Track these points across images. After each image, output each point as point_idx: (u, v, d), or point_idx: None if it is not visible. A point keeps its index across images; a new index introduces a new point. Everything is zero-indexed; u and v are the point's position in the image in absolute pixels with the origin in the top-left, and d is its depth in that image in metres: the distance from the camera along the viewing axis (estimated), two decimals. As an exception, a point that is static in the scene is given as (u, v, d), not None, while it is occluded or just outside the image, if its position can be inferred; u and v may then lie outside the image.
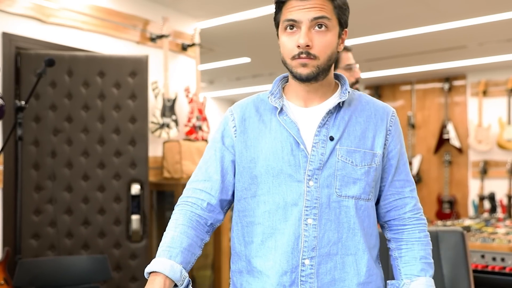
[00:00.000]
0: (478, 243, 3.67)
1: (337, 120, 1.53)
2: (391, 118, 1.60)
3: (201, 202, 1.57)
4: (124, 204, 4.05)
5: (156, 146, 4.87)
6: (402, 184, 1.61)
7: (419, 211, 1.62)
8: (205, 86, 9.56)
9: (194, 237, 1.51)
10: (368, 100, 1.62)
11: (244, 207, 1.58)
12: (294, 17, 1.46)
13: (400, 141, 1.62)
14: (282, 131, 1.53)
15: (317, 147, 1.50)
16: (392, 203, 1.61)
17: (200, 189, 1.59)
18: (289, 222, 1.49)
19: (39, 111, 3.88)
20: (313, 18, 1.45)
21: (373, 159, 1.53)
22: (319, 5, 1.46)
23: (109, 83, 4.05)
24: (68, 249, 3.91)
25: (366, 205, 1.53)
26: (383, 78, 8.97)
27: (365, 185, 1.51)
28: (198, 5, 5.09)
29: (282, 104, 1.57)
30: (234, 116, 1.63)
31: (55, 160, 3.90)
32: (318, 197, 1.48)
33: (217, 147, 1.63)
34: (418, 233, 1.59)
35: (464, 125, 8.58)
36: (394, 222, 1.62)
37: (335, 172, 1.49)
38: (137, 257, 4.05)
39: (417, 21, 5.62)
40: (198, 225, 1.55)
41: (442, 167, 8.76)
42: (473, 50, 7.02)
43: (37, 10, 3.98)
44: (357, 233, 1.50)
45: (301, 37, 1.45)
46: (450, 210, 8.46)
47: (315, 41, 1.47)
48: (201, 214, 1.56)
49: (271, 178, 1.52)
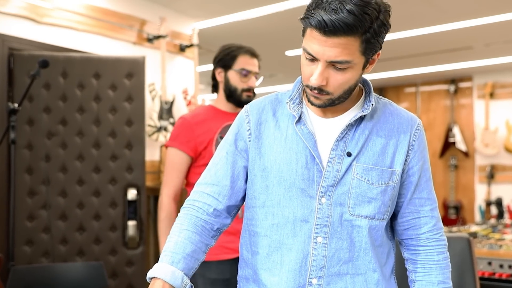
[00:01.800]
0: (485, 249, 3.67)
1: (356, 134, 1.49)
2: (415, 132, 1.54)
3: (207, 207, 1.55)
4: (120, 209, 4.04)
5: (153, 150, 4.88)
6: (422, 202, 1.55)
7: (439, 232, 1.56)
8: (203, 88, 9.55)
9: (198, 242, 1.50)
10: (392, 111, 1.56)
11: (252, 216, 1.57)
12: (312, 51, 1.37)
13: (424, 156, 1.55)
14: (298, 142, 1.49)
15: (333, 163, 1.46)
16: (410, 221, 1.56)
17: (207, 193, 1.56)
18: (297, 238, 1.47)
19: (32, 113, 3.88)
20: (330, 61, 1.36)
21: (391, 178, 1.49)
22: (342, 45, 1.33)
23: (105, 85, 4.05)
24: (62, 256, 3.90)
25: (380, 225, 1.50)
26: (387, 80, 8.98)
27: (380, 205, 1.48)
28: (196, 4, 5.09)
29: (301, 111, 1.52)
30: (250, 118, 1.59)
31: (49, 164, 3.90)
32: (329, 215, 1.45)
33: (229, 151, 1.59)
34: (437, 256, 1.55)
35: (471, 128, 8.58)
36: (411, 241, 1.58)
37: (349, 190, 1.46)
38: (134, 264, 4.05)
39: (421, 21, 5.63)
40: (203, 231, 1.53)
41: (448, 172, 8.76)
42: (479, 51, 7.02)
43: (31, 10, 3.98)
44: (368, 253, 1.48)
45: (315, 77, 1.38)
46: (456, 216, 8.46)
47: (331, 79, 1.39)
48: (206, 219, 1.54)
49: (282, 190, 1.49)
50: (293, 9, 5.01)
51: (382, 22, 1.37)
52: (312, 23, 1.33)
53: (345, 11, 1.29)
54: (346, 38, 1.32)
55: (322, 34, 1.32)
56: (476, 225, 5.00)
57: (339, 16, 1.29)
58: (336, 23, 1.30)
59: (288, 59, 6.95)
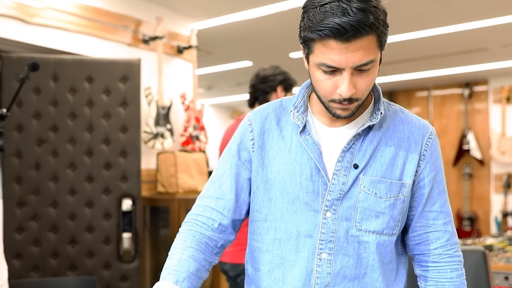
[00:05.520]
0: (501, 263, 3.66)
1: (364, 144, 1.48)
2: (427, 141, 1.52)
3: (212, 222, 1.55)
4: (114, 221, 4.05)
5: (150, 157, 4.88)
6: (435, 215, 1.53)
7: (453, 247, 1.54)
8: (202, 92, 9.58)
9: (202, 260, 1.50)
10: (403, 119, 1.54)
11: (254, 230, 1.57)
12: (334, 63, 1.33)
13: (436, 167, 1.53)
14: (303, 153, 1.49)
15: (339, 175, 1.46)
16: (421, 236, 1.54)
17: (211, 207, 1.56)
18: (300, 255, 1.47)
19: (21, 119, 3.89)
20: (356, 66, 1.33)
21: (400, 190, 1.47)
22: (364, 46, 1.32)
23: (98, 89, 4.06)
24: (53, 270, 3.91)
25: (390, 241, 1.49)
26: (397, 83, 8.99)
27: (389, 219, 1.47)
28: (195, 3, 5.11)
29: (306, 120, 1.52)
30: (253, 127, 1.58)
31: (39, 173, 3.91)
32: (334, 230, 1.45)
33: (233, 162, 1.59)
34: (450, 273, 1.52)
35: (486, 135, 8.58)
36: (423, 257, 1.56)
37: (356, 204, 1.45)
38: (129, 279, 4.05)
39: (434, 21, 5.64)
40: (207, 248, 1.54)
41: (462, 181, 8.76)
42: (495, 53, 7.03)
43: (20, 9, 4.00)
44: (375, 270, 1.47)
45: (345, 88, 1.35)
46: (470, 227, 8.44)
47: (359, 84, 1.37)
48: (211, 235, 1.54)
49: (286, 203, 1.49)
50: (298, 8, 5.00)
51: (382, 9, 1.35)
52: (330, 34, 1.29)
53: (356, 10, 1.27)
54: (367, 38, 1.31)
55: (342, 41, 1.29)
56: (492, 237, 4.99)
57: (354, 17, 1.27)
58: (355, 26, 1.27)
59: (292, 61, 6.95)
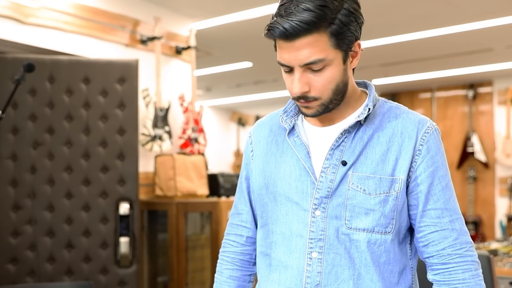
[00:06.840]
0: (506, 268, 3.66)
1: (354, 141, 1.49)
2: (423, 135, 1.50)
3: (239, 238, 1.72)
4: (111, 225, 4.04)
5: (147, 160, 4.89)
6: (439, 213, 1.48)
7: (464, 247, 1.48)
8: (201, 93, 9.58)
9: (241, 277, 1.71)
10: (398, 114, 1.54)
11: (258, 236, 1.64)
12: (284, 61, 1.42)
13: (435, 162, 1.50)
14: (292, 154, 1.54)
15: (327, 173, 1.47)
16: (427, 236, 1.50)
17: (236, 223, 1.73)
18: (293, 255, 1.50)
19: (17, 121, 3.89)
20: (304, 64, 1.40)
21: (392, 186, 1.46)
22: (309, 44, 1.37)
23: (95, 91, 4.07)
24: (49, 275, 3.91)
25: (384, 239, 1.47)
26: (400, 84, 9.00)
27: (380, 216, 1.45)
28: (194, 3, 5.11)
29: (294, 123, 1.57)
30: (252, 139, 1.71)
31: (35, 176, 3.91)
32: (324, 228, 1.46)
33: (242, 176, 1.73)
34: (462, 274, 1.46)
35: (491, 137, 8.59)
36: (432, 259, 1.51)
37: (345, 201, 1.45)
38: (126, 284, 4.04)
39: (437, 21, 5.65)
40: (243, 264, 1.72)
41: (466, 184, 8.76)
42: (500, 54, 7.04)
43: (15, 9, 4.00)
44: (369, 271, 1.46)
45: (295, 85, 1.43)
46: (475, 231, 8.44)
47: (313, 82, 1.43)
48: (243, 251, 1.72)
49: (279, 206, 1.54)
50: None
51: (348, 11, 1.39)
52: (275, 34, 1.39)
53: (301, 10, 1.35)
54: (311, 36, 1.37)
55: (287, 41, 1.38)
56: (496, 242, 5.00)
57: (295, 17, 1.35)
58: (294, 25, 1.35)
59: (293, 62, 6.93)
